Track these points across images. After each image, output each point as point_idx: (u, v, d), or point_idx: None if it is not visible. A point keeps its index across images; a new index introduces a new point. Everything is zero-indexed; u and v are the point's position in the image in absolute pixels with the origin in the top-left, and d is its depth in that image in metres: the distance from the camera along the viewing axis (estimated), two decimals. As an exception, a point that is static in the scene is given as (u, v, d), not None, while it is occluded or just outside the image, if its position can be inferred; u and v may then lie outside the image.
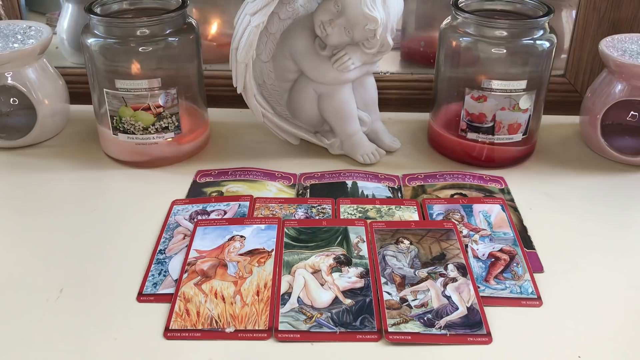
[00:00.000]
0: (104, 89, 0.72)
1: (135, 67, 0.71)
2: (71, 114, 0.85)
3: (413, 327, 0.52)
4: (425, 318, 0.53)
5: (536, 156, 0.79)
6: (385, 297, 0.55)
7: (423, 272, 0.57)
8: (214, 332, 0.52)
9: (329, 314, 0.53)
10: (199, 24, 0.77)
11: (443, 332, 0.52)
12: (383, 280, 0.56)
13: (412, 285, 0.56)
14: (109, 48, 0.70)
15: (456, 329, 0.52)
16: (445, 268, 0.58)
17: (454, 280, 0.57)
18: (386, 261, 0.58)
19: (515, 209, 0.68)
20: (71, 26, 0.94)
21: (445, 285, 0.56)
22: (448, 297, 0.55)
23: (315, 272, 0.58)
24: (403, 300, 0.54)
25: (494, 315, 0.54)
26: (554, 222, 0.67)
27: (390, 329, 0.52)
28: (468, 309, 0.54)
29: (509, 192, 0.71)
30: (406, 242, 0.61)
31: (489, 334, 0.51)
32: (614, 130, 0.79)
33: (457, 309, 0.54)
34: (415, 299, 0.55)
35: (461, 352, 0.51)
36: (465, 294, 0.55)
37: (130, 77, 0.71)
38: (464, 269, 0.58)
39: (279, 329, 0.52)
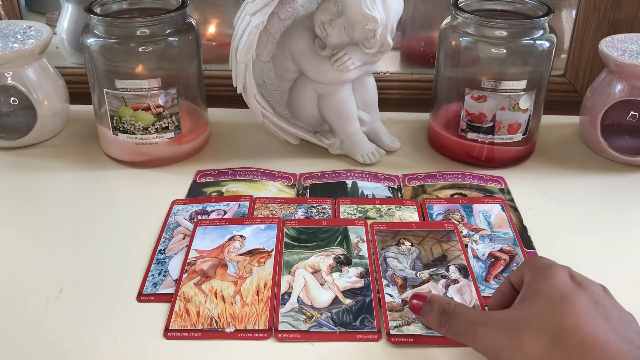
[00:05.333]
0: (104, 89, 0.72)
1: (135, 67, 0.71)
2: (71, 114, 0.85)
3: (415, 329, 0.52)
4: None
5: (536, 156, 0.79)
6: (387, 299, 0.54)
7: (425, 274, 0.57)
8: (214, 332, 0.52)
9: (329, 314, 0.53)
10: (199, 24, 0.77)
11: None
12: (385, 282, 0.56)
13: (414, 287, 0.56)
14: (109, 48, 0.70)
15: None
16: (447, 269, 0.58)
17: (455, 281, 0.56)
18: (387, 263, 0.58)
19: (515, 209, 0.68)
20: (71, 26, 0.94)
21: (447, 287, 0.56)
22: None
23: (315, 272, 0.58)
24: (405, 302, 0.54)
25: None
26: (554, 222, 0.67)
27: (392, 331, 0.51)
28: None
29: (509, 192, 0.71)
30: (407, 243, 0.61)
31: None
32: (613, 130, 0.79)
33: None
34: None
35: (463, 353, 0.50)
36: (467, 295, 0.55)
37: (130, 77, 0.71)
38: (465, 271, 0.58)
39: (279, 328, 0.52)
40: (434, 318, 0.47)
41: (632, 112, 0.79)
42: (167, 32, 0.71)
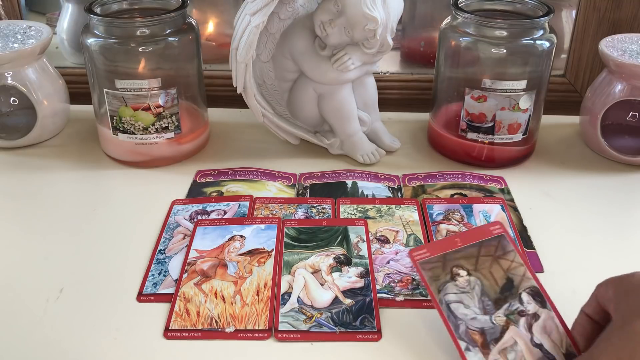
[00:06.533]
0: (104, 89, 0.72)
1: (135, 67, 0.71)
2: (71, 114, 0.85)
3: None
4: None
5: (536, 156, 0.79)
6: None
7: (500, 317, 0.47)
8: (214, 332, 0.52)
9: (329, 314, 0.53)
10: (199, 24, 0.77)
11: None
12: (462, 344, 0.47)
13: (496, 341, 0.47)
14: (109, 48, 0.70)
15: None
16: (520, 301, 0.48)
17: (535, 317, 0.48)
18: (452, 311, 0.48)
19: (515, 209, 0.68)
20: (71, 26, 0.94)
21: (529, 328, 0.47)
22: (539, 346, 0.47)
23: (315, 272, 0.58)
24: None
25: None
26: (554, 222, 0.67)
27: None
28: (565, 356, 0.46)
29: (509, 192, 0.71)
30: (463, 273, 0.50)
31: None
32: (613, 130, 0.79)
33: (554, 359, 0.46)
34: None
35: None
36: (555, 334, 0.47)
37: (130, 77, 0.71)
38: (540, 296, 0.48)
39: (279, 328, 0.52)
40: None
41: (632, 112, 0.79)
42: (167, 32, 0.71)
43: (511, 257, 0.50)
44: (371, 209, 0.67)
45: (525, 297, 0.48)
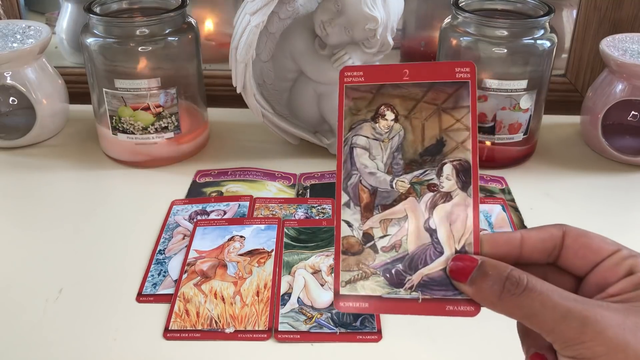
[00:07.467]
0: (104, 89, 0.71)
1: (134, 67, 0.71)
2: (71, 113, 0.85)
3: (375, 286, 0.34)
4: (393, 271, 0.34)
5: (537, 156, 0.79)
6: (344, 230, 0.35)
7: (404, 183, 0.36)
8: (213, 333, 0.52)
9: (329, 315, 0.53)
10: (199, 23, 0.76)
11: (414, 295, 0.33)
12: (344, 197, 0.36)
13: (385, 207, 0.35)
14: (108, 48, 0.70)
15: (432, 290, 0.33)
16: (440, 172, 0.35)
17: (447, 198, 0.35)
18: (353, 157, 0.37)
19: (516, 209, 0.68)
20: (70, 26, 0.94)
21: (432, 209, 0.35)
22: (432, 231, 0.34)
23: (315, 272, 0.58)
24: (367, 237, 0.35)
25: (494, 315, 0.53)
26: (555, 222, 0.66)
27: (342, 290, 0.33)
28: (458, 252, 0.33)
29: (509, 192, 0.71)
30: (390, 115, 0.37)
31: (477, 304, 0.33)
32: (614, 130, 0.79)
33: (440, 253, 0.34)
34: (384, 235, 0.35)
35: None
36: (458, 225, 0.34)
37: (129, 76, 0.71)
38: (467, 175, 0.35)
39: (279, 329, 0.52)
40: (490, 287, 0.31)
41: (632, 112, 0.79)
42: (167, 31, 0.71)
43: (460, 114, 0.36)
44: (371, 209, 0.67)
45: (447, 169, 0.36)
